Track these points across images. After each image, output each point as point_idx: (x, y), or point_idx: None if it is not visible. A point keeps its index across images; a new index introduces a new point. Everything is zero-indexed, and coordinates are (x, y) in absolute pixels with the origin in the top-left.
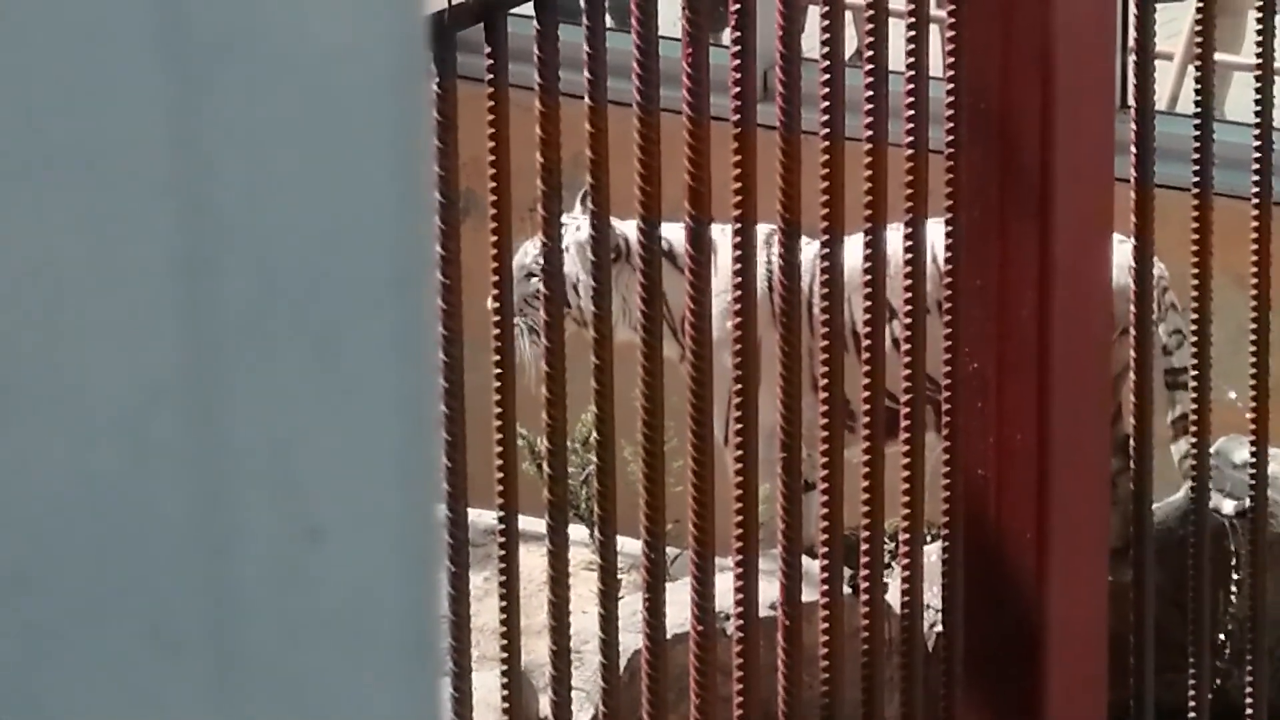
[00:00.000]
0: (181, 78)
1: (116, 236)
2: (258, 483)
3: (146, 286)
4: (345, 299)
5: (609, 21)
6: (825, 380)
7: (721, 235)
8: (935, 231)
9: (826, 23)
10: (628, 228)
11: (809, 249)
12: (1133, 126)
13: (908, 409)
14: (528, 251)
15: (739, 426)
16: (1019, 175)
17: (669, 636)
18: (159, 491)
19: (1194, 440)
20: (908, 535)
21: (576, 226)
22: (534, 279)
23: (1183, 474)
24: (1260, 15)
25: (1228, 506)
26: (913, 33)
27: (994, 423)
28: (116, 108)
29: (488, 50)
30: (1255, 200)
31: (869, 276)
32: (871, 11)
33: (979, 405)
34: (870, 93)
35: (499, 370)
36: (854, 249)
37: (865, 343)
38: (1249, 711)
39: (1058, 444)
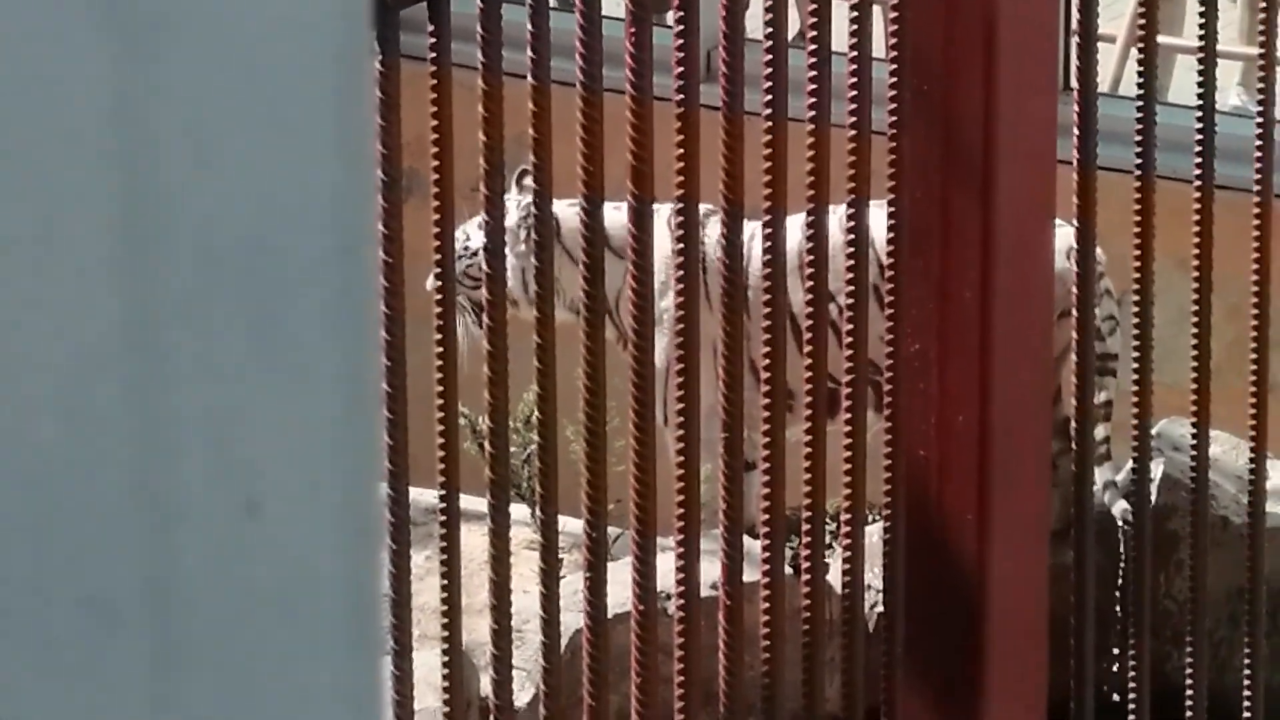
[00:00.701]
0: (123, 51)
1: (56, 209)
2: (197, 456)
3: (86, 259)
4: (286, 275)
5: (552, 1)
6: (766, 362)
7: (656, 218)
8: (875, 216)
9: (769, 3)
10: (559, 209)
11: (745, 231)
12: (1075, 109)
13: (849, 389)
14: (467, 233)
15: (680, 407)
16: (961, 157)
17: (610, 616)
18: (97, 465)
19: (1134, 422)
20: (849, 516)
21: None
22: (466, 259)
23: (1098, 459)
24: None
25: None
26: (855, 14)
27: (936, 404)
28: (57, 80)
29: (431, 29)
30: (1197, 183)
31: (811, 258)
32: None
33: (921, 386)
34: (813, 74)
35: (440, 349)
36: (790, 231)
37: (807, 323)
38: (1189, 693)
39: (999, 425)
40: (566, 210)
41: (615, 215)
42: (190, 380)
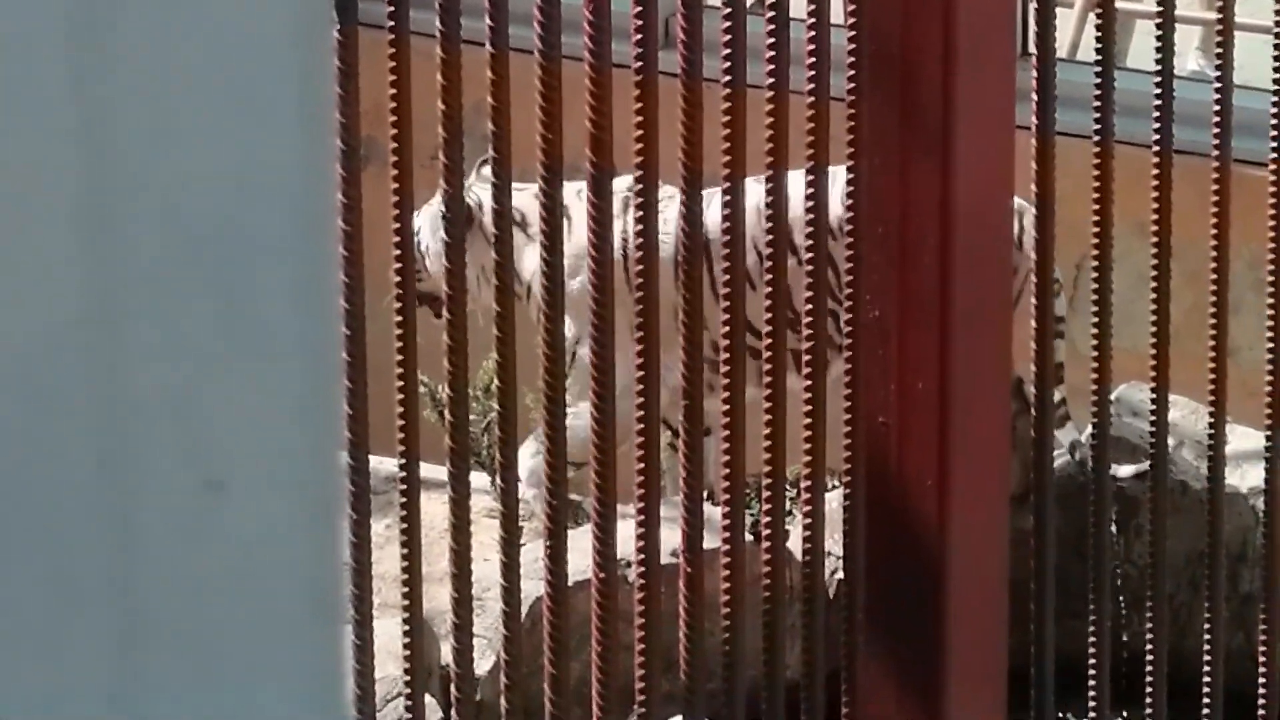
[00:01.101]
0: (83, 23)
1: (18, 184)
2: (159, 431)
3: (48, 234)
4: (247, 246)
5: None
6: (725, 329)
7: (577, 199)
8: (797, 183)
9: None
10: (482, 193)
11: (672, 205)
12: (1033, 74)
13: (808, 354)
14: (418, 225)
15: (640, 375)
16: (920, 122)
17: (570, 584)
18: (60, 442)
19: (1094, 388)
20: (809, 482)
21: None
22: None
23: (1058, 420)
24: None
25: (1125, 471)
26: None
27: (895, 370)
28: (18, 53)
29: None
30: (1156, 148)
31: (770, 224)
32: None
33: (880, 352)
34: (772, 40)
35: (400, 318)
36: (716, 203)
37: (766, 288)
38: (1149, 658)
39: (959, 392)
40: (485, 195)
41: (522, 197)
42: (152, 355)
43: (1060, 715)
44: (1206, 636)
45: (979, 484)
